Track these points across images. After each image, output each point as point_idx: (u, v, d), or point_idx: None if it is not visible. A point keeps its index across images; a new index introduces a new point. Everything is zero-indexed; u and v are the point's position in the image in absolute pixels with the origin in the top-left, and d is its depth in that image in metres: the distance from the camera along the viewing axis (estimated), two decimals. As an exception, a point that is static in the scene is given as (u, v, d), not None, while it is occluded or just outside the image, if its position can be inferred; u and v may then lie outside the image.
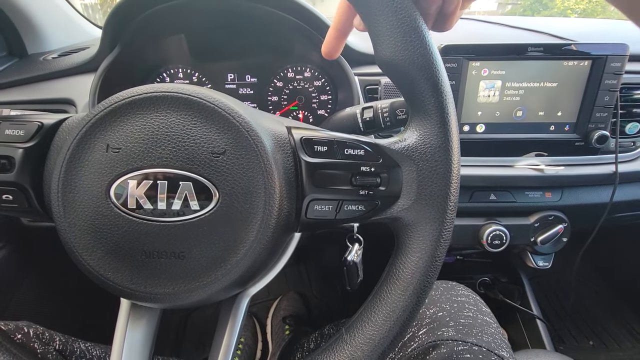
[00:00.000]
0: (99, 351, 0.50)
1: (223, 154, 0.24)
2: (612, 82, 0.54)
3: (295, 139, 0.27)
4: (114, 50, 0.55)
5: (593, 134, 0.56)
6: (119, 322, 0.30)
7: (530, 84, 0.55)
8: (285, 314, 0.95)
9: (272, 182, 0.24)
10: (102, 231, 0.24)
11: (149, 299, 0.25)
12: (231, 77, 0.63)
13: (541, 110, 0.57)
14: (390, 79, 0.29)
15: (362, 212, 0.27)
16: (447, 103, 0.26)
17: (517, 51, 0.54)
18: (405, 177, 0.27)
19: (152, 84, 0.62)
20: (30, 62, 0.63)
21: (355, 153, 0.27)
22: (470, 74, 0.55)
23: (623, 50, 0.53)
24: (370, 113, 0.43)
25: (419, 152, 0.26)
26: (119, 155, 0.24)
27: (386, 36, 0.26)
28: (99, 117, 0.25)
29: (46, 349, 0.43)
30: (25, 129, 0.27)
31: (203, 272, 0.25)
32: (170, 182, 0.24)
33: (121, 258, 0.25)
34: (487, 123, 0.57)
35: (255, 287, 0.33)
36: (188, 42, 0.60)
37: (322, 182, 0.26)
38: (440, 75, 0.26)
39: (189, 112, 0.25)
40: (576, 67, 0.54)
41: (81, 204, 0.24)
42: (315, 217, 0.26)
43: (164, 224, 0.24)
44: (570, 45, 0.53)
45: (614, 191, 0.58)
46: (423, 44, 0.26)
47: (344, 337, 0.27)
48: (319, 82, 0.63)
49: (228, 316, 0.32)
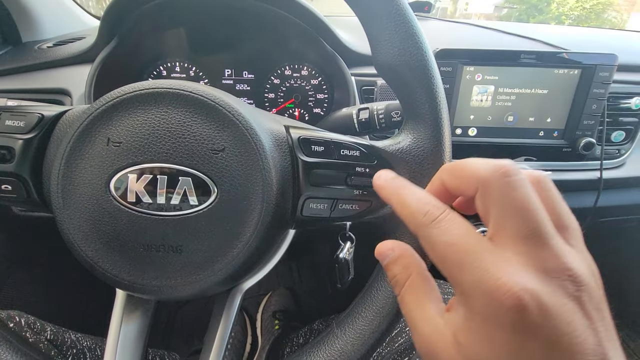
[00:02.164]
0: (90, 342, 0.50)
1: (222, 150, 0.25)
2: (600, 91, 0.55)
3: (293, 138, 0.27)
4: (112, 41, 0.54)
5: (580, 140, 0.57)
6: (115, 313, 0.31)
7: (521, 90, 0.57)
8: (275, 309, 0.95)
9: (269, 180, 0.25)
10: (101, 223, 0.25)
11: (145, 291, 0.26)
12: (228, 72, 0.63)
13: (531, 116, 0.58)
14: (386, 82, 0.29)
15: (356, 212, 0.28)
16: (441, 108, 0.27)
17: (510, 58, 0.55)
18: None
19: (154, 79, 0.62)
20: (24, 51, 0.63)
21: (351, 154, 0.27)
22: (464, 78, 0.56)
23: (612, 60, 0.54)
24: (366, 114, 0.43)
25: (412, 154, 0.27)
26: (119, 149, 0.25)
27: (384, 41, 0.27)
28: (101, 111, 0.25)
29: (37, 338, 0.43)
30: (25, 120, 0.27)
31: (200, 266, 0.25)
32: (170, 177, 0.24)
33: (119, 250, 0.25)
34: (479, 127, 0.59)
35: (250, 281, 0.34)
36: (187, 37, 0.60)
37: (318, 181, 0.27)
38: (435, 81, 0.27)
39: (190, 108, 0.25)
40: (566, 75, 0.56)
41: (81, 196, 0.25)
42: (310, 215, 0.27)
43: (163, 217, 0.25)
44: (562, 54, 0.55)
45: (598, 196, 0.60)
46: (419, 50, 0.27)
47: (335, 332, 0.28)
48: (315, 81, 0.64)
49: (222, 309, 0.33)
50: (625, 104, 0.60)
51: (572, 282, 0.16)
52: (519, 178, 0.18)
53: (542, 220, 0.17)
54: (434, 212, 0.20)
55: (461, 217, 0.19)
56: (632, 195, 0.64)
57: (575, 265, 0.16)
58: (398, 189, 0.23)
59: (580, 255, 0.17)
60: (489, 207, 0.18)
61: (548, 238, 0.17)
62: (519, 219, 0.17)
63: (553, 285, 0.16)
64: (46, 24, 0.71)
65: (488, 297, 0.16)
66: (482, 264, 0.17)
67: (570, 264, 0.16)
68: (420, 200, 0.21)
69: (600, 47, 0.72)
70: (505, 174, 0.18)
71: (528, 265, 0.16)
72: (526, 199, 0.17)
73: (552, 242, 0.17)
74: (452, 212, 0.20)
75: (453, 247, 0.18)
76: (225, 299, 0.33)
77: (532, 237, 0.17)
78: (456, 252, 0.18)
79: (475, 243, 0.18)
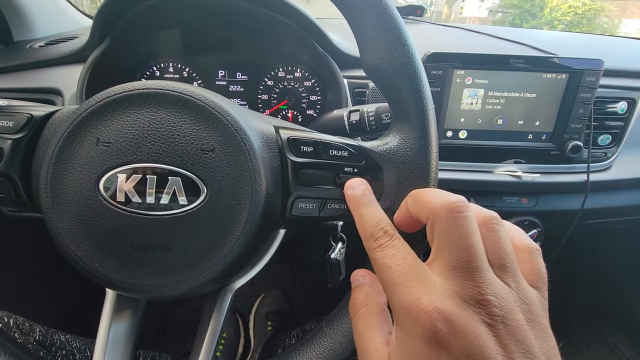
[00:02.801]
0: (79, 343, 0.50)
1: (212, 151, 0.25)
2: (586, 95, 0.56)
3: (282, 138, 0.28)
4: (104, 41, 0.54)
5: (568, 144, 0.58)
6: (104, 313, 0.31)
7: (511, 93, 0.58)
8: (268, 310, 0.96)
9: (258, 180, 0.25)
10: (90, 223, 0.25)
11: (135, 290, 0.26)
12: (222, 73, 0.63)
13: (521, 119, 0.59)
14: (374, 84, 0.30)
15: (344, 211, 0.28)
16: (428, 110, 0.28)
17: (499, 62, 0.56)
18: (386, 178, 0.28)
19: (144, 80, 0.62)
20: (16, 49, 0.62)
21: (340, 154, 0.28)
22: (454, 82, 0.57)
23: (598, 65, 0.56)
24: (356, 116, 0.44)
25: (400, 155, 0.28)
26: (109, 149, 0.25)
27: (372, 43, 0.28)
28: (90, 111, 0.25)
29: (26, 339, 0.43)
30: (14, 120, 0.27)
31: (189, 265, 0.25)
32: (159, 177, 0.25)
33: (109, 250, 0.25)
34: (469, 130, 0.60)
35: (240, 281, 0.34)
36: (180, 37, 0.60)
37: (307, 181, 0.27)
38: (422, 83, 0.28)
39: (179, 109, 0.25)
40: (554, 80, 0.57)
41: (70, 196, 0.25)
42: (299, 215, 0.28)
43: (152, 217, 0.25)
44: (550, 59, 0.56)
45: (585, 199, 0.61)
46: (407, 53, 0.27)
47: (324, 330, 0.28)
48: (309, 83, 0.64)
49: (212, 309, 0.33)
50: (612, 108, 0.61)
51: (486, 312, 0.17)
52: (464, 215, 0.20)
53: (476, 255, 0.19)
54: (383, 237, 0.22)
55: (406, 244, 0.22)
56: (618, 197, 0.65)
57: (495, 298, 0.18)
58: (359, 206, 0.25)
59: (509, 291, 0.19)
60: (434, 236, 0.21)
61: (476, 271, 0.18)
62: (454, 251, 0.19)
63: (466, 310, 0.18)
64: (38, 22, 0.70)
65: (408, 314, 0.18)
66: (409, 284, 0.19)
67: (489, 296, 0.18)
68: (374, 223, 0.23)
69: (588, 52, 0.74)
70: (453, 211, 0.20)
71: (449, 291, 0.18)
72: (464, 235, 0.19)
73: (478, 275, 0.18)
74: (398, 239, 0.22)
75: (389, 269, 0.20)
76: (215, 298, 0.33)
77: (461, 268, 0.19)
78: (391, 273, 0.20)
79: (408, 267, 0.20)
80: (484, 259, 0.19)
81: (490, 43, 0.74)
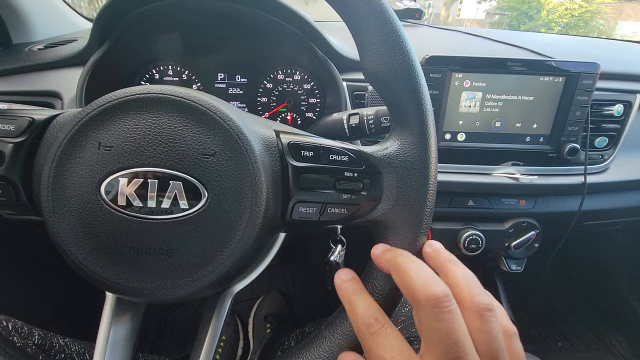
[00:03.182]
0: (78, 347, 0.50)
1: (213, 155, 0.25)
2: (583, 98, 0.57)
3: (283, 143, 0.28)
4: (104, 45, 0.54)
5: (565, 146, 0.59)
6: (104, 316, 0.31)
7: (509, 96, 0.58)
8: (267, 312, 0.95)
9: (259, 184, 0.25)
10: (91, 227, 0.25)
11: (135, 293, 0.26)
12: (221, 76, 0.64)
13: (518, 122, 0.60)
14: (374, 88, 0.30)
15: (344, 215, 0.28)
16: (427, 115, 0.28)
17: (497, 65, 0.56)
18: (385, 183, 0.28)
19: (144, 83, 0.62)
20: (15, 52, 0.62)
21: (340, 159, 0.28)
22: (453, 85, 0.57)
23: (594, 68, 0.56)
24: (356, 119, 0.44)
25: (399, 160, 0.28)
26: (110, 153, 0.25)
27: (372, 49, 0.28)
28: (92, 116, 0.25)
29: (25, 342, 0.43)
30: (16, 124, 0.27)
31: (190, 269, 0.25)
32: (161, 181, 0.25)
33: (109, 253, 0.25)
34: (468, 132, 0.60)
35: (240, 284, 0.34)
36: (180, 40, 0.60)
37: (308, 186, 0.27)
38: (421, 90, 0.28)
39: (181, 113, 0.25)
40: (551, 83, 0.57)
41: (71, 200, 0.25)
42: (300, 219, 0.28)
43: (153, 221, 0.25)
44: (547, 62, 0.56)
45: (582, 200, 0.62)
46: (406, 59, 0.27)
47: (324, 333, 0.28)
48: (308, 86, 0.65)
49: (212, 312, 0.33)
50: (608, 111, 0.62)
51: None
52: (448, 310, 0.21)
53: (464, 350, 0.20)
54: (374, 325, 0.23)
55: (398, 333, 0.23)
56: (615, 199, 0.66)
57: None
58: (349, 295, 0.26)
59: None
60: (421, 327, 0.22)
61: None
62: (442, 347, 0.20)
63: None
64: (37, 25, 0.70)
65: None
66: None
67: None
68: (364, 311, 0.24)
69: (585, 55, 0.74)
70: (437, 306, 0.21)
71: None
72: (451, 331, 0.20)
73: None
74: (390, 327, 0.23)
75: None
76: (215, 301, 0.33)
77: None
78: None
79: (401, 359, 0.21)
80: (472, 352, 0.20)
81: (488, 46, 0.75)
